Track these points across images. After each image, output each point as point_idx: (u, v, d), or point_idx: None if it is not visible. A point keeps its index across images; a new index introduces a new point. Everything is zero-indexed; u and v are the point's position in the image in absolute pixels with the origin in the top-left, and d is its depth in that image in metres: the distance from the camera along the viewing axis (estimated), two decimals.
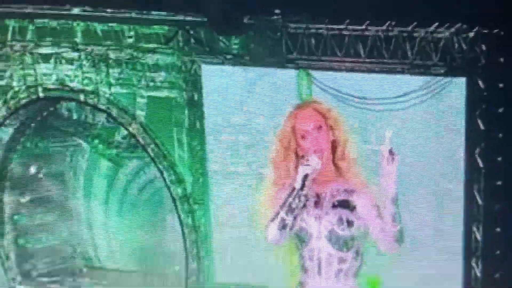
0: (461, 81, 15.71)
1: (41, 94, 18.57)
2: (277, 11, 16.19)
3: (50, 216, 20.82)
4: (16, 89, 18.71)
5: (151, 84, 17.92)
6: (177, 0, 16.39)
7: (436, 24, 15.39)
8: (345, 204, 15.88)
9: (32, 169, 20.58)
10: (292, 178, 16.17)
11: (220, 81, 17.32)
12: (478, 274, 16.05)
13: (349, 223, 16.08)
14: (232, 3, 15.94)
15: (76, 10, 17.27)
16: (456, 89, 15.79)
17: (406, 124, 16.00)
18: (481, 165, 15.68)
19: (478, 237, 15.98)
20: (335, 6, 15.27)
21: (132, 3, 16.74)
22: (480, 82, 15.55)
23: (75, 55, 17.86)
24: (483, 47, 15.17)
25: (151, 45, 17.58)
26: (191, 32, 17.12)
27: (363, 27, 15.83)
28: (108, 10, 17.12)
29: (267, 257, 17.43)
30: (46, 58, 18.09)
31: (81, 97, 18.52)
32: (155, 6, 16.67)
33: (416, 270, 16.27)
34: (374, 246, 16.11)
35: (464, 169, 15.72)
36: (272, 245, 16.79)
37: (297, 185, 15.38)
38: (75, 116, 19.72)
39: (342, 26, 15.89)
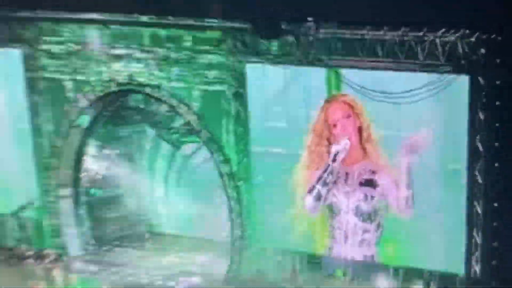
0: (465, 78, 17.13)
1: (114, 88, 20.44)
2: (309, 18, 17.94)
3: (119, 190, 22.74)
4: (94, 83, 20.63)
5: (205, 80, 19.65)
6: (226, 10, 18.33)
7: (443, 30, 16.93)
8: (370, 183, 18.05)
9: (106, 151, 22.48)
10: (325, 158, 18.46)
11: (262, 77, 18.99)
12: (479, 242, 17.54)
13: (373, 199, 18.51)
14: (272, 12, 17.75)
15: (144, 18, 19.26)
16: (460, 85, 17.19)
17: (417, 114, 17.41)
18: (481, 149, 17.11)
19: (479, 210, 17.42)
20: (358, 15, 17.03)
21: (189, 12, 18.66)
22: (481, 80, 16.97)
23: (142, 55, 19.78)
24: (483, 50, 16.63)
25: (205, 47, 19.36)
26: (238, 36, 18.89)
27: (382, 32, 17.43)
28: (170, 18, 19.01)
29: (301, 226, 18.94)
30: (118, 57, 19.98)
31: (147, 90, 20.31)
32: (209, 14, 18.56)
33: (427, 238, 17.88)
34: (392, 217, 18.35)
35: (467, 153, 17.15)
36: (308, 214, 19.28)
37: (330, 161, 18.03)
38: (141, 106, 21.57)
39: (364, 31, 17.52)
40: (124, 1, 19.34)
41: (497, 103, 16.88)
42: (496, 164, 17.44)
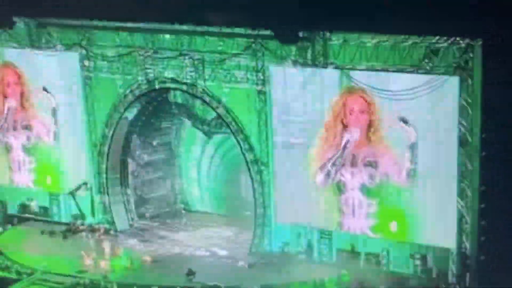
0: (455, 79, 19.12)
1: (157, 86, 22.69)
2: (323, 27, 19.83)
3: (160, 173, 25.03)
4: (140, 82, 22.86)
5: (233, 79, 21.76)
6: (253, 20, 20.42)
7: (438, 37, 18.86)
8: (374, 164, 19.98)
9: (148, 139, 24.61)
10: (337, 138, 20.33)
11: (283, 77, 21.06)
12: (469, 221, 19.40)
13: (376, 178, 20.30)
14: (291, 21, 19.80)
15: (184, 27, 21.43)
16: (451, 85, 19.15)
17: (416, 108, 19.38)
18: (469, 140, 19.01)
19: (468, 193, 19.26)
20: (364, 24, 19.05)
21: (222, 22, 20.90)
22: (469, 80, 18.89)
23: (181, 58, 21.93)
24: (471, 55, 18.59)
25: (234, 51, 21.51)
26: (262, 42, 20.95)
27: (385, 38, 19.32)
28: (205, 27, 21.19)
29: (315, 205, 21.15)
30: (161, 60, 22.17)
31: (184, 88, 22.52)
32: (237, 24, 20.77)
33: (424, 216, 19.78)
34: (394, 198, 19.97)
35: (457, 143, 19.03)
36: (320, 193, 20.78)
37: (342, 147, 20.02)
38: (179, 101, 23.66)
39: (369, 38, 19.42)
40: (167, 12, 21.29)
41: (483, 100, 18.62)
42: (483, 153, 19.18)
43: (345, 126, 20.35)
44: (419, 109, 19.49)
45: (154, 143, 24.79)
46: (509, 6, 17.71)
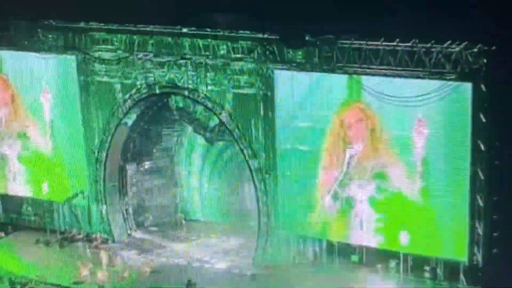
0: (468, 85, 18.50)
1: (157, 91, 21.99)
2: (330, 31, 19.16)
3: (160, 181, 24.27)
4: (139, 86, 22.14)
5: (237, 84, 21.13)
6: (257, 23, 19.78)
7: (449, 42, 18.25)
8: (382, 176, 19.27)
9: (148, 146, 23.84)
10: (341, 159, 19.68)
11: (288, 82, 20.40)
12: (480, 233, 18.71)
13: (385, 190, 19.70)
14: (297, 25, 19.21)
15: (184, 29, 20.77)
16: (464, 91, 18.53)
17: (427, 116, 18.69)
18: (483, 148, 18.34)
19: (481, 204, 18.64)
20: (373, 27, 18.42)
21: (225, 25, 20.28)
22: (482, 86, 18.28)
23: (182, 62, 21.26)
24: (484, 60, 17.97)
25: (237, 55, 20.86)
26: (267, 46, 20.32)
27: (394, 43, 18.78)
28: (208, 29, 20.58)
29: (321, 215, 20.42)
30: (161, 64, 21.48)
31: (186, 93, 21.85)
32: (241, 27, 20.15)
33: (434, 228, 19.13)
34: (402, 209, 19.29)
35: (470, 151, 18.36)
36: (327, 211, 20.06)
37: (346, 164, 19.41)
38: (181, 107, 22.76)
39: (378, 43, 18.90)
40: (167, 15, 20.73)
41: (497, 107, 17.97)
42: (496, 162, 18.55)
43: (346, 144, 19.86)
44: (430, 115, 18.75)
45: (154, 149, 24.12)
46: None
